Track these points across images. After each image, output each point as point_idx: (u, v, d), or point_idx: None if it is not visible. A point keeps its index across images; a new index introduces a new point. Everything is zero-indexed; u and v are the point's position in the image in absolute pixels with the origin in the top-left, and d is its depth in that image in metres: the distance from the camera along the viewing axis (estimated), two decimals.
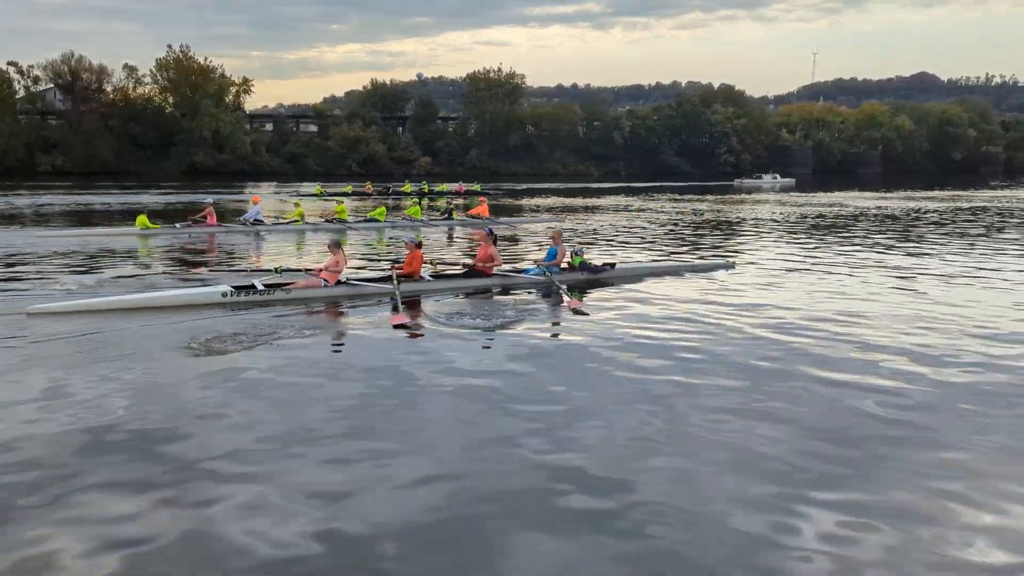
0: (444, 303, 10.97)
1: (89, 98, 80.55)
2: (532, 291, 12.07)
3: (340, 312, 10.46)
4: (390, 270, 11.93)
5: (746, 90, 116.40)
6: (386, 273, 11.94)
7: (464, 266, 12.99)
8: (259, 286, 10.95)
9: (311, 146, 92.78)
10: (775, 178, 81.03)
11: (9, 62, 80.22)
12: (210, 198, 26.26)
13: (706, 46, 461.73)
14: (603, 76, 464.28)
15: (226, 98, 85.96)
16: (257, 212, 22.24)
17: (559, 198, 45.45)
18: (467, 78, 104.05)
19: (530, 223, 26.70)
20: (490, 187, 51.15)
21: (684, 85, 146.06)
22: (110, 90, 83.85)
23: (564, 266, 12.89)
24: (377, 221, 24.08)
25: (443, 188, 47.75)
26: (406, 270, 11.84)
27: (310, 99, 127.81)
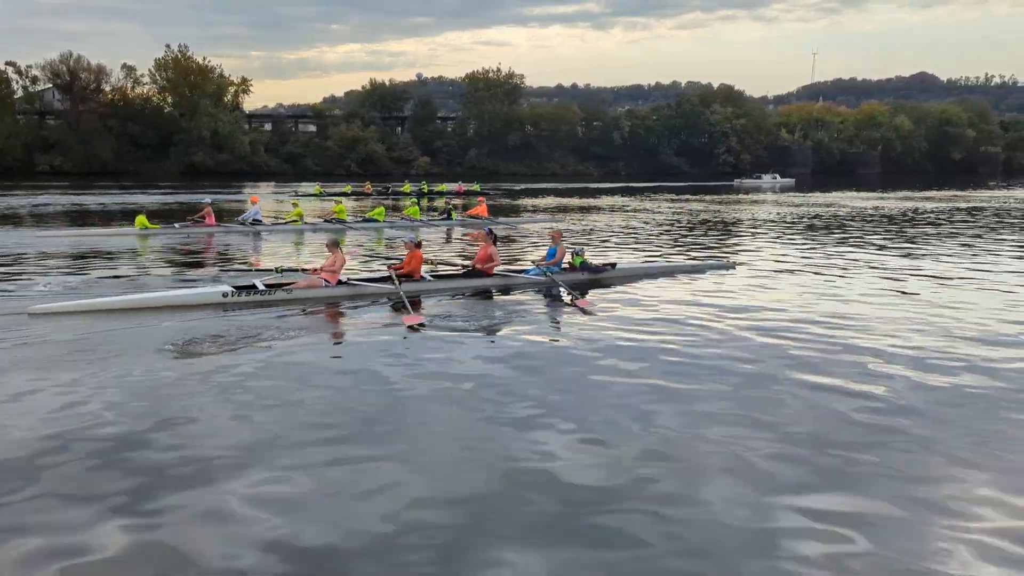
0: (445, 303, 10.89)
1: (88, 98, 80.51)
2: (533, 291, 11.98)
3: (341, 312, 10.38)
4: (388, 270, 11.88)
5: (746, 90, 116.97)
6: (385, 273, 11.88)
7: (463, 266, 12.91)
8: (260, 286, 10.87)
9: (310, 146, 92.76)
10: (775, 178, 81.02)
11: (7, 62, 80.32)
12: (208, 198, 26.21)
13: (706, 46, 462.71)
14: (603, 76, 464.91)
15: (225, 98, 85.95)
16: (256, 212, 22.15)
17: (558, 198, 45.40)
18: (466, 78, 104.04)
19: (529, 223, 26.62)
20: (489, 187, 51.13)
21: (684, 85, 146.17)
22: (108, 90, 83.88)
23: (565, 266, 12.81)
24: (376, 221, 23.99)
25: (442, 188, 47.70)
26: (405, 270, 11.78)
27: (310, 99, 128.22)
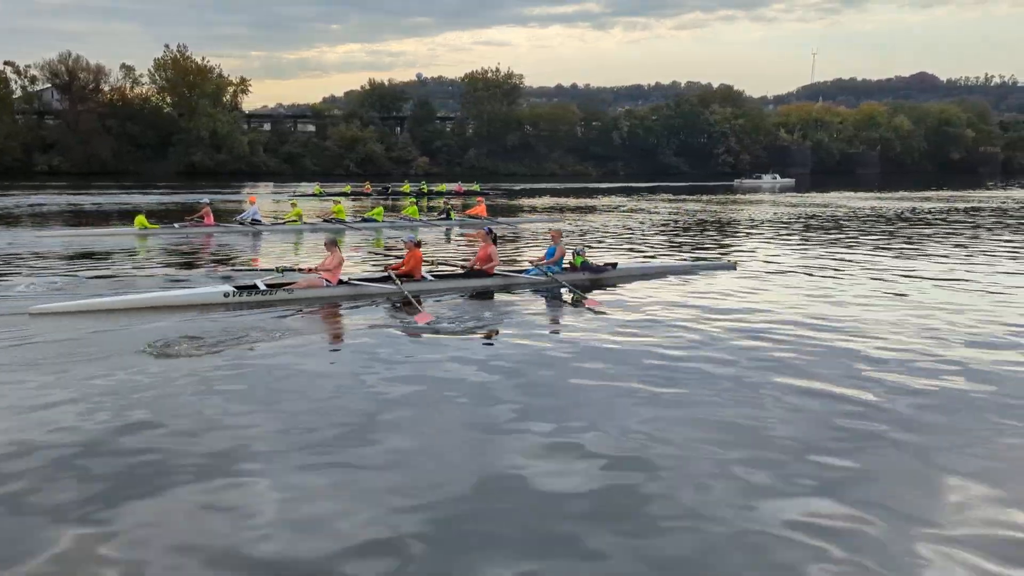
0: (446, 303, 10.82)
1: (86, 98, 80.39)
2: (534, 291, 11.93)
3: (343, 312, 10.32)
4: (386, 270, 11.83)
5: (746, 90, 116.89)
6: (384, 273, 11.81)
7: (462, 267, 12.81)
8: (261, 286, 10.82)
9: (309, 146, 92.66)
10: (775, 178, 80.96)
11: (6, 62, 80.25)
12: (206, 198, 26.12)
13: (706, 46, 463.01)
14: (603, 76, 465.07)
15: (224, 98, 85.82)
16: (254, 212, 22.10)
17: (557, 198, 45.35)
18: (465, 78, 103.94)
19: (528, 223, 26.55)
20: (489, 187, 51.08)
21: (684, 85, 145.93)
22: (107, 90, 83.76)
23: (566, 266, 12.73)
24: (375, 221, 23.94)
25: (442, 188, 47.59)
26: (404, 269, 11.71)
27: (310, 99, 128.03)
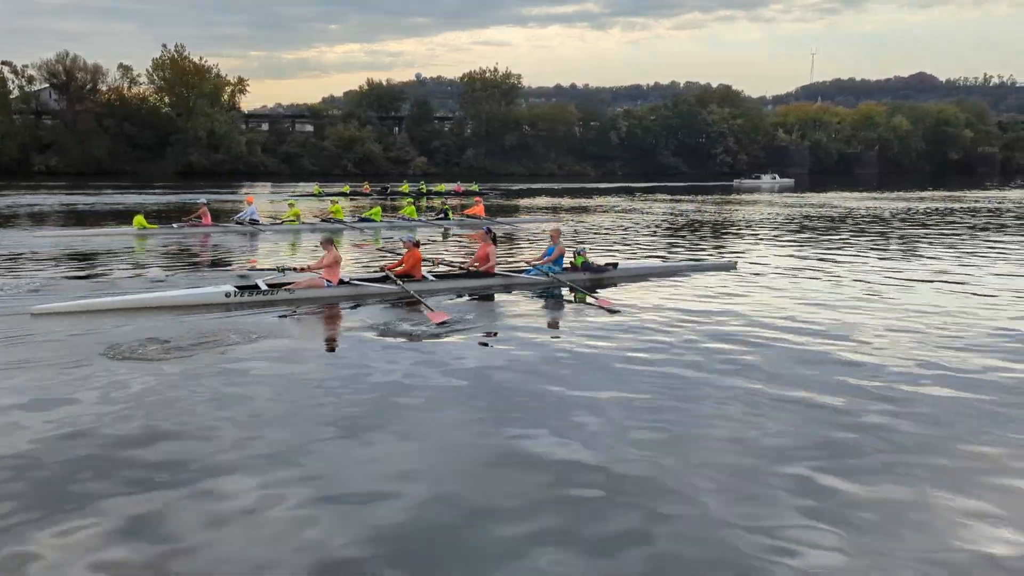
0: (448, 303, 10.71)
1: (84, 98, 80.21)
2: (536, 291, 11.87)
3: (346, 313, 10.27)
4: (384, 270, 11.78)
5: (745, 90, 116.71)
6: (381, 274, 11.74)
7: (461, 267, 12.70)
8: (262, 286, 10.80)
9: (307, 146, 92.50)
10: (774, 178, 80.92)
11: (3, 61, 79.96)
12: (203, 198, 26.00)
13: (704, 46, 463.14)
14: (602, 76, 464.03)
15: (222, 98, 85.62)
16: (252, 212, 22.03)
17: (555, 198, 45.29)
18: (463, 78, 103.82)
19: (526, 223, 26.46)
20: (487, 187, 50.94)
21: (683, 85, 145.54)
22: (105, 90, 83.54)
23: (566, 266, 12.64)
24: (373, 221, 23.86)
25: (441, 188, 47.42)
26: (403, 269, 11.62)
27: (309, 99, 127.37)
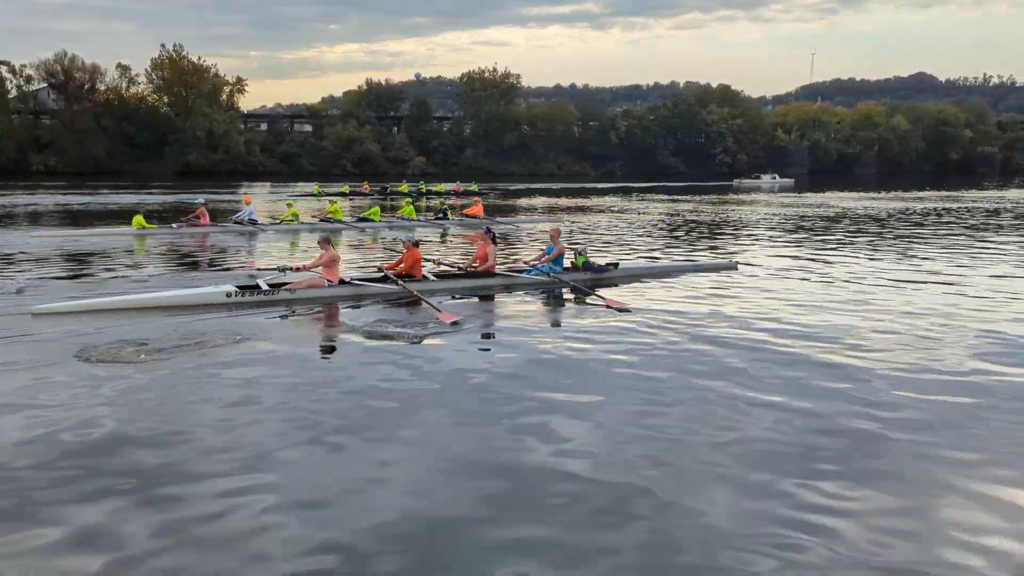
0: (448, 303, 10.60)
1: (82, 98, 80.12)
2: (538, 291, 11.80)
3: (346, 312, 10.20)
4: (380, 270, 11.74)
5: (744, 90, 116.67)
6: (379, 274, 11.65)
7: (460, 267, 12.58)
8: (263, 286, 10.76)
9: (305, 146, 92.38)
10: (774, 178, 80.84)
11: (1, 61, 79.80)
12: (201, 198, 25.90)
13: (704, 46, 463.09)
14: (602, 76, 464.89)
15: (220, 97, 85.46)
16: (250, 212, 22.00)
17: (555, 198, 45.21)
18: (463, 78, 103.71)
19: (525, 223, 26.37)
20: (487, 187, 50.82)
21: (682, 85, 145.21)
22: (103, 89, 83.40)
23: (567, 266, 12.54)
24: (372, 221, 23.77)
25: (440, 188, 47.32)
26: (402, 269, 11.52)
27: (309, 99, 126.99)
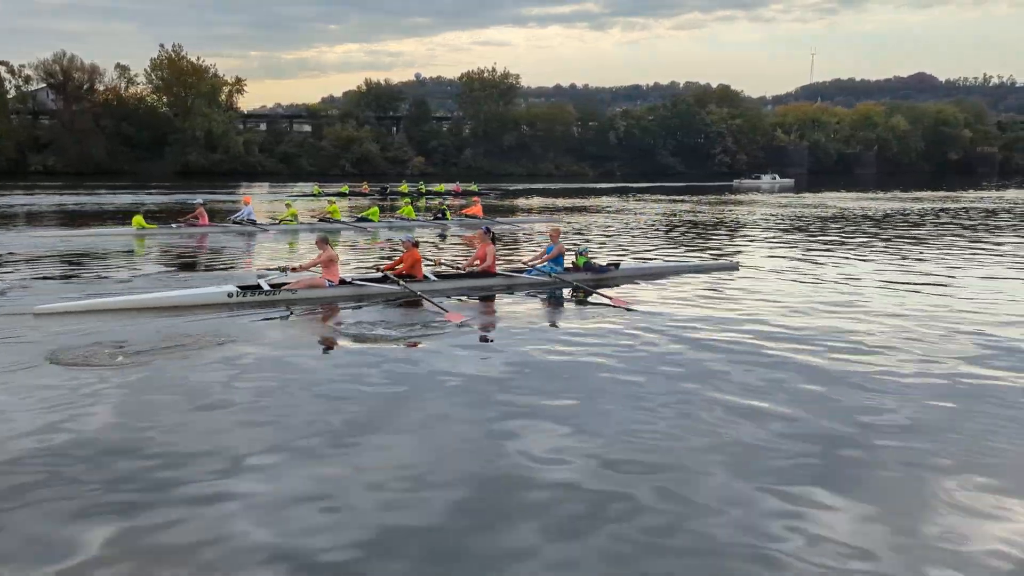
0: (450, 304, 10.50)
1: (81, 98, 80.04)
2: (539, 291, 11.74)
3: (347, 312, 10.14)
4: (379, 270, 11.70)
5: (744, 91, 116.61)
6: (379, 274, 11.60)
7: (459, 267, 12.49)
8: (264, 286, 10.72)
9: (304, 146, 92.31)
10: (774, 179, 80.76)
11: (0, 61, 79.67)
12: (199, 198, 25.84)
13: (704, 46, 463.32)
14: (601, 76, 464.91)
15: (219, 98, 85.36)
16: (249, 212, 21.97)
17: (554, 199, 45.14)
18: (462, 78, 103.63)
19: (525, 223, 26.30)
20: (486, 187, 50.73)
21: (682, 85, 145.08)
22: (102, 89, 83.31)
23: (568, 266, 12.46)
24: (371, 221, 23.70)
25: (440, 189, 47.24)
26: (402, 269, 11.46)
27: (309, 99, 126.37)
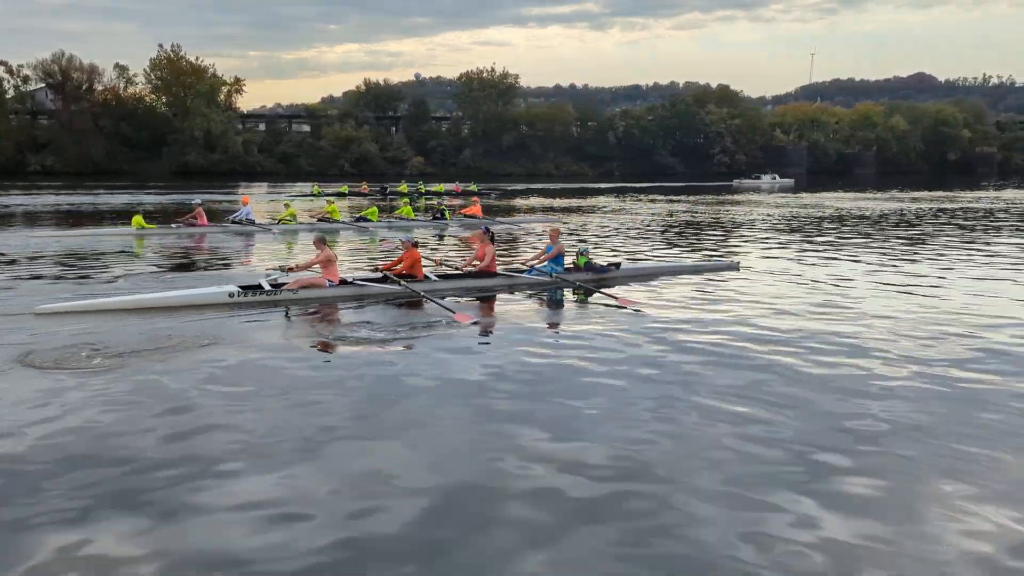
0: (450, 303, 10.43)
1: (80, 98, 79.91)
2: (540, 291, 11.71)
3: (348, 312, 10.11)
4: (378, 270, 11.67)
5: (744, 91, 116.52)
6: (379, 274, 11.56)
7: (459, 267, 12.42)
8: (265, 286, 10.71)
9: (303, 146, 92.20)
10: (774, 178, 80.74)
11: None
12: (198, 198, 25.78)
13: (704, 46, 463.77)
14: (601, 76, 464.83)
15: (218, 98, 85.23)
16: (247, 212, 21.98)
17: (553, 198, 45.12)
18: (461, 78, 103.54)
19: (524, 223, 26.24)
20: (486, 187, 50.68)
21: (682, 85, 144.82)
22: (101, 90, 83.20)
23: (569, 266, 12.40)
24: (369, 221, 23.64)
25: (439, 189, 47.20)
26: (402, 269, 11.40)
27: (309, 99, 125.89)
